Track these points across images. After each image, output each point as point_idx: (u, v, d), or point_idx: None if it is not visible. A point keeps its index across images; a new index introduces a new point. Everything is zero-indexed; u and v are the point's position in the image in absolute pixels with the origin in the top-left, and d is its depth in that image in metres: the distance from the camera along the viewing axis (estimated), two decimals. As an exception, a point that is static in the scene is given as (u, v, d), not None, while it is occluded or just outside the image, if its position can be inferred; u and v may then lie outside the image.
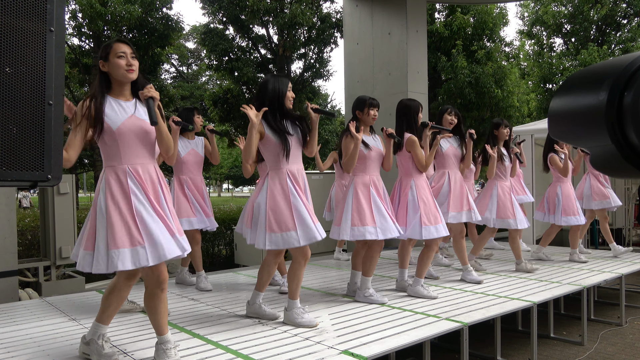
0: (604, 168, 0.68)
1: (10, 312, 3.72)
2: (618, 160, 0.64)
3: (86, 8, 11.66)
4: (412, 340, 2.93)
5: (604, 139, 0.64)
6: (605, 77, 0.65)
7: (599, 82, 0.65)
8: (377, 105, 3.84)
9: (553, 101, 0.75)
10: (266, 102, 3.14)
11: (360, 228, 3.67)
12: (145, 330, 3.15)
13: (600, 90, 0.64)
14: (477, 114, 12.06)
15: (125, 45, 2.47)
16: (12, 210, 4.77)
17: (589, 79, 0.68)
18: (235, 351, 2.73)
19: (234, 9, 12.69)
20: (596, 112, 0.64)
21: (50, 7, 1.00)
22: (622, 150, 0.63)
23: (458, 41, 12.25)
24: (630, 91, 0.61)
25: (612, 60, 0.67)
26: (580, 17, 15.75)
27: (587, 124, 0.67)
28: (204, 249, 8.84)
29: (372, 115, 3.81)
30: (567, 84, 0.73)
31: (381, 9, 7.99)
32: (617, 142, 0.63)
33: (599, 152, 0.67)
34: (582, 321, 4.46)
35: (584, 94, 0.68)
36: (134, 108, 2.50)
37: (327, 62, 14.97)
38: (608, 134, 0.63)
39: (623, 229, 8.92)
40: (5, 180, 0.96)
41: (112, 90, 2.50)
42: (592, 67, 0.70)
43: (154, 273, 2.52)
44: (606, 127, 0.63)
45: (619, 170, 0.66)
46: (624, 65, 0.63)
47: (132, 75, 2.47)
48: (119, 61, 2.43)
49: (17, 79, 0.96)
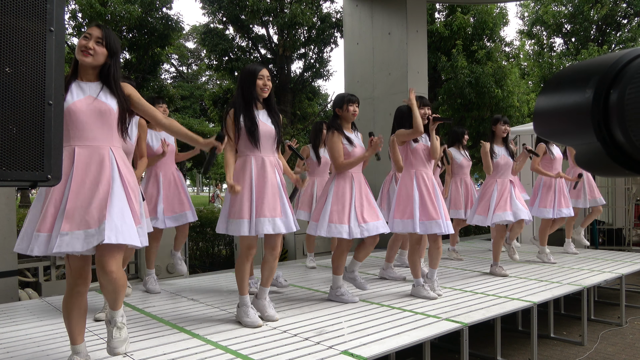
0: (589, 166, 0.68)
1: (10, 312, 3.71)
2: (603, 158, 0.64)
3: (86, 8, 11.66)
4: (412, 341, 2.92)
5: (589, 136, 0.64)
6: (592, 74, 0.64)
7: (585, 79, 0.65)
8: (356, 101, 3.82)
9: (538, 99, 0.75)
10: (240, 86, 3.24)
11: (338, 226, 3.64)
12: (146, 330, 3.15)
13: (586, 88, 0.64)
14: (477, 114, 12.06)
15: (96, 27, 2.37)
16: (12, 210, 4.77)
17: (575, 76, 0.68)
18: (235, 351, 2.73)
19: (234, 9, 12.69)
20: (582, 109, 0.64)
21: (50, 7, 1.00)
22: (607, 148, 0.63)
23: (458, 41, 12.25)
24: (616, 89, 0.61)
25: (598, 58, 0.66)
26: (580, 17, 15.74)
27: (572, 121, 0.67)
28: (204, 249, 8.84)
29: (352, 111, 3.79)
30: (553, 82, 0.72)
31: (381, 9, 7.98)
32: (603, 140, 0.63)
33: (585, 150, 0.67)
34: (582, 321, 4.46)
35: (570, 91, 0.67)
36: (96, 91, 2.40)
37: (327, 62, 14.98)
38: (594, 132, 0.63)
39: (623, 229, 8.92)
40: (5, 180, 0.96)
41: (78, 73, 2.43)
42: (578, 65, 0.70)
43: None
44: (592, 125, 0.63)
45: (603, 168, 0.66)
46: (610, 63, 0.63)
47: (85, 58, 2.35)
48: (80, 41, 2.35)
49: (17, 79, 0.96)
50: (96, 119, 2.37)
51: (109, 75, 2.43)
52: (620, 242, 8.72)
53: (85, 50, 2.34)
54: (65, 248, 2.20)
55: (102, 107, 2.38)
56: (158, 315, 3.49)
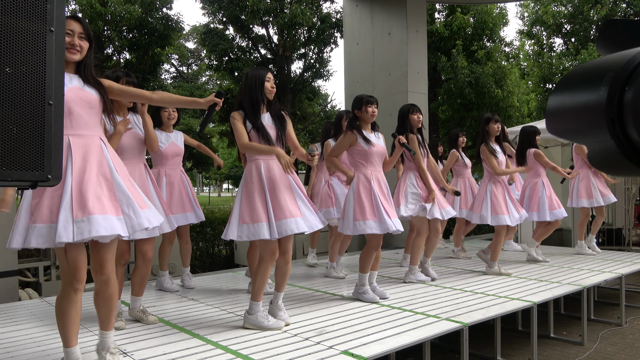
0: (602, 165, 0.68)
1: (10, 312, 3.72)
2: (617, 157, 0.63)
3: (86, 8, 11.65)
4: (412, 341, 2.92)
5: (603, 135, 0.64)
6: (606, 72, 0.64)
7: (599, 77, 0.65)
8: (375, 102, 3.89)
9: (551, 98, 0.74)
10: (246, 91, 3.18)
11: (362, 223, 3.71)
12: (146, 330, 3.15)
13: (600, 85, 0.64)
14: (477, 114, 12.06)
15: (75, 22, 2.35)
16: (12, 210, 4.77)
17: (589, 75, 0.68)
18: (235, 351, 2.73)
19: (234, 9, 12.69)
20: (596, 107, 0.64)
21: (50, 7, 1.00)
22: (621, 146, 0.62)
23: (458, 41, 12.25)
24: (631, 87, 0.61)
25: (612, 56, 0.66)
26: (580, 17, 15.74)
27: (586, 119, 0.66)
28: (204, 249, 8.84)
29: (371, 113, 3.87)
30: (566, 81, 0.72)
31: (381, 9, 7.99)
32: (617, 138, 0.62)
33: (598, 149, 0.66)
34: (582, 321, 4.46)
35: (584, 90, 0.67)
36: (79, 82, 2.39)
37: (327, 62, 14.97)
38: (608, 130, 0.63)
39: (623, 229, 8.92)
40: (5, 180, 0.96)
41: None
42: (591, 63, 0.69)
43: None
44: (606, 123, 0.63)
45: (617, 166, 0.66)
46: (625, 61, 0.62)
47: (74, 56, 2.35)
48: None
49: (17, 79, 0.96)
50: (85, 108, 2.37)
51: (87, 66, 2.43)
52: (620, 242, 8.72)
53: (71, 47, 2.33)
54: (88, 234, 2.17)
55: (88, 97, 2.38)
56: (158, 315, 3.49)
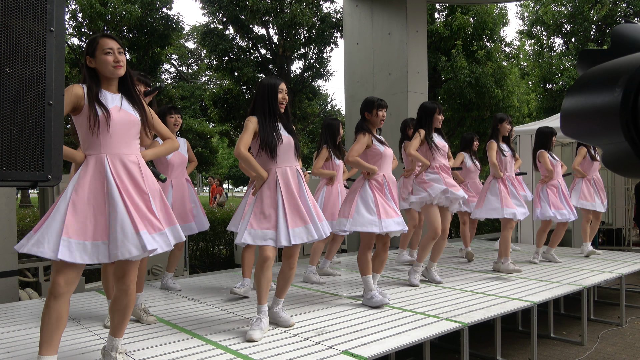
0: (616, 166, 0.67)
1: (10, 312, 3.72)
2: (631, 158, 0.63)
3: (86, 8, 11.64)
4: (412, 341, 2.92)
5: (617, 136, 0.63)
6: (621, 74, 0.64)
7: (613, 79, 0.64)
8: (385, 106, 3.85)
9: (565, 100, 0.74)
10: (259, 99, 3.17)
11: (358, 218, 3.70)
12: (146, 330, 3.15)
13: (615, 87, 0.64)
14: (477, 114, 12.07)
15: (111, 40, 2.43)
16: (12, 210, 4.78)
17: (603, 77, 0.67)
18: (235, 351, 2.73)
19: (234, 9, 12.69)
20: (610, 109, 0.64)
21: (50, 7, 1.00)
22: (636, 148, 0.62)
23: (458, 41, 12.25)
24: None
25: (626, 58, 0.66)
26: (580, 17, 15.73)
27: (600, 121, 0.66)
28: (204, 249, 8.84)
29: (381, 117, 3.83)
30: (580, 82, 0.72)
31: (381, 9, 7.99)
32: (631, 139, 0.62)
33: (612, 150, 0.66)
34: (582, 321, 4.46)
35: (598, 92, 0.67)
36: (120, 101, 2.47)
37: (327, 62, 14.97)
38: (622, 132, 0.63)
39: (623, 229, 8.92)
40: (5, 180, 0.96)
41: (100, 84, 2.47)
42: (605, 66, 0.69)
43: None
44: (620, 125, 0.63)
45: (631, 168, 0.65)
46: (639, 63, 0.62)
47: (119, 71, 2.44)
48: (106, 57, 2.40)
49: (17, 79, 0.96)
50: (127, 129, 2.45)
51: (132, 85, 2.52)
52: (620, 242, 8.72)
53: (117, 64, 2.42)
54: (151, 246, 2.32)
55: (130, 118, 2.47)
56: (158, 315, 3.49)
